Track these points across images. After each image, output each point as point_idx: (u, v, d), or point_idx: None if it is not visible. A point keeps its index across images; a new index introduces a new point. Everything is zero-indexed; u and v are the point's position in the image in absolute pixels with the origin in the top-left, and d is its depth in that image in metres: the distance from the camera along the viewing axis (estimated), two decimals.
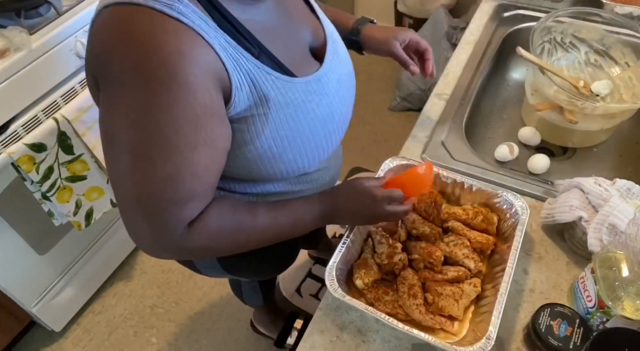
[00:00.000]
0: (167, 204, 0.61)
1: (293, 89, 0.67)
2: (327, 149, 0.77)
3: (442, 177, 0.85)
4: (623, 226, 0.73)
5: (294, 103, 0.67)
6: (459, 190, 0.86)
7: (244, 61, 0.61)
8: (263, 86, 0.63)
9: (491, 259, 0.80)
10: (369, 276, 0.76)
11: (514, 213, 0.80)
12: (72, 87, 1.35)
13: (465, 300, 0.74)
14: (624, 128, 1.11)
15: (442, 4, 2.27)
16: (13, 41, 1.18)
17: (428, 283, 0.76)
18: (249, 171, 0.72)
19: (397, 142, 2.23)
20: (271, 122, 0.66)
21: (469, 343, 0.65)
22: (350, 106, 0.81)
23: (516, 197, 0.81)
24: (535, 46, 1.03)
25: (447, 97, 1.11)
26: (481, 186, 0.83)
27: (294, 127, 0.68)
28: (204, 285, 1.81)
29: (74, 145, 1.34)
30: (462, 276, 0.76)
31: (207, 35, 0.57)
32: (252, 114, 0.64)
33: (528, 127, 1.12)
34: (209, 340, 1.68)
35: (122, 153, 0.59)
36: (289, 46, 0.71)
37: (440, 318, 0.72)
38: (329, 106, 0.73)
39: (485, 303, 0.72)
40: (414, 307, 0.73)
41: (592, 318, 0.70)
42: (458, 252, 0.78)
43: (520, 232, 0.76)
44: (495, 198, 0.83)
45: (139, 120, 0.56)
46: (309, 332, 0.76)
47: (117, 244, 1.80)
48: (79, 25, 1.32)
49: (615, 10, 1.20)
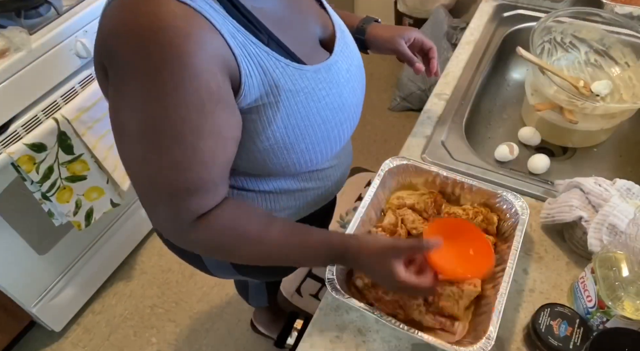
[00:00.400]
0: (176, 191, 0.61)
1: (303, 77, 0.67)
2: (339, 141, 0.77)
3: (442, 176, 0.85)
4: (623, 226, 0.73)
5: (305, 91, 0.67)
6: (459, 190, 0.86)
7: (253, 48, 0.61)
8: (273, 73, 0.63)
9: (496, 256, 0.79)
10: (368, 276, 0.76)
11: (514, 213, 0.80)
12: (72, 87, 1.35)
13: (465, 300, 0.73)
14: (624, 128, 1.11)
15: (442, 4, 2.27)
16: (13, 41, 1.18)
17: None
18: (262, 165, 0.72)
19: (397, 142, 2.23)
20: (282, 110, 0.66)
21: (469, 343, 0.65)
22: (360, 97, 0.81)
23: (516, 197, 0.81)
24: (535, 46, 1.03)
25: (447, 97, 1.11)
26: (481, 186, 0.83)
27: (305, 115, 0.68)
28: (204, 285, 1.81)
29: (74, 145, 1.34)
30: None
31: (216, 21, 0.56)
32: (263, 103, 0.64)
33: (528, 127, 1.12)
34: (209, 340, 1.68)
35: (132, 142, 0.59)
36: (299, 35, 0.71)
37: (441, 318, 0.72)
38: (339, 95, 0.73)
39: (485, 303, 0.72)
40: (414, 307, 0.73)
41: (592, 318, 0.70)
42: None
43: (520, 232, 0.76)
44: (495, 198, 0.82)
45: (144, 107, 0.56)
46: (309, 332, 0.76)
47: (117, 244, 1.80)
48: (79, 25, 1.32)
49: (615, 10, 1.20)
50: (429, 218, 0.84)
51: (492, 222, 0.81)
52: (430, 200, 0.84)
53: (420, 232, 0.81)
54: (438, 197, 0.84)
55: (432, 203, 0.83)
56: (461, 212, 0.83)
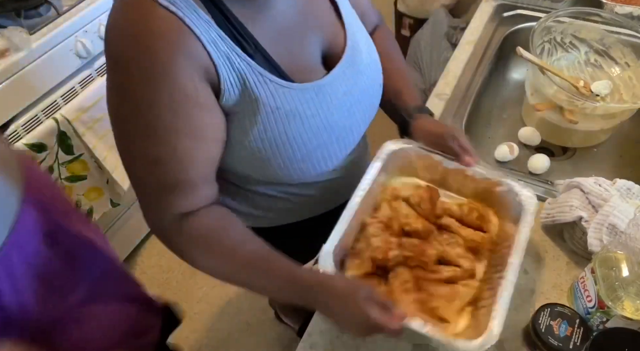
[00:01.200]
0: (156, 186, 0.64)
1: (287, 94, 0.65)
2: (328, 160, 0.75)
3: (445, 162, 0.82)
4: (623, 226, 0.73)
5: (286, 109, 0.65)
6: (461, 178, 0.83)
7: (236, 59, 0.61)
8: (254, 87, 0.62)
9: (494, 255, 0.78)
10: (361, 269, 0.75)
11: (518, 203, 0.76)
12: (72, 87, 1.35)
13: (459, 302, 0.71)
14: (624, 128, 1.11)
15: (442, 4, 2.27)
16: (13, 41, 1.18)
17: (421, 281, 0.74)
18: (250, 169, 0.72)
19: None
20: (260, 124, 0.65)
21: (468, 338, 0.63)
22: (360, 119, 0.77)
23: (522, 186, 0.77)
24: (535, 46, 1.03)
25: (447, 97, 1.11)
26: (484, 173, 0.80)
27: (284, 132, 0.67)
28: (204, 285, 1.81)
29: (74, 145, 1.34)
30: (457, 276, 0.74)
31: (197, 28, 0.57)
32: (241, 110, 0.64)
33: (528, 127, 1.12)
34: (209, 340, 1.68)
35: (119, 137, 0.64)
36: (294, 49, 0.68)
37: (431, 318, 0.70)
38: (326, 118, 0.70)
39: (486, 297, 0.70)
40: (406, 303, 0.70)
41: (592, 318, 0.70)
42: (451, 251, 0.76)
43: (528, 224, 0.72)
44: (498, 187, 0.79)
45: (122, 103, 0.60)
46: (309, 332, 0.76)
47: (117, 244, 1.80)
48: (79, 25, 1.32)
49: (615, 10, 1.20)
50: (423, 213, 0.81)
51: (487, 219, 0.79)
52: (426, 194, 0.81)
53: (413, 228, 0.78)
54: (434, 193, 0.82)
55: (427, 198, 0.81)
56: (456, 209, 0.81)
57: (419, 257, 0.75)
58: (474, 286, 0.73)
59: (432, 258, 0.75)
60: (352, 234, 0.79)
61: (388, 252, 0.75)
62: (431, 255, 0.75)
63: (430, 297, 0.71)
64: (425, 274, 0.75)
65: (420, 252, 0.76)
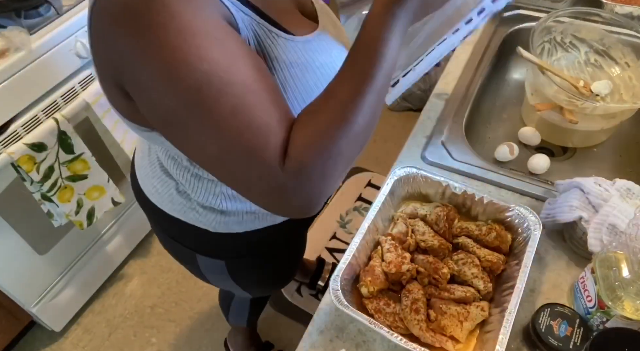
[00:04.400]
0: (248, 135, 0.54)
1: (295, 48, 0.65)
2: None
3: (453, 187, 0.83)
4: (623, 226, 0.73)
5: (298, 63, 0.65)
6: (469, 202, 0.83)
7: (246, 16, 0.60)
8: (265, 43, 0.62)
9: (500, 276, 0.78)
10: (375, 285, 0.74)
11: (526, 228, 0.77)
12: (72, 87, 1.35)
13: (470, 322, 0.71)
14: (624, 128, 1.11)
15: None
16: (13, 41, 1.18)
17: (433, 299, 0.74)
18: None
19: (397, 142, 2.23)
20: (277, 81, 0.64)
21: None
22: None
23: (529, 211, 0.78)
24: (535, 46, 1.03)
25: (447, 97, 1.11)
26: (492, 199, 0.81)
27: (301, 86, 0.67)
28: (204, 285, 1.81)
29: (74, 144, 1.35)
30: (469, 297, 0.73)
31: None
32: None
33: (528, 127, 1.12)
34: (209, 340, 1.68)
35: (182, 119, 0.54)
36: (282, 6, 0.68)
37: (441, 336, 0.70)
38: (333, 63, 0.70)
39: (491, 321, 0.71)
40: (414, 322, 0.70)
41: (592, 318, 0.70)
42: (467, 271, 0.75)
43: (532, 248, 0.73)
44: (507, 211, 0.80)
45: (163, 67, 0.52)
46: (309, 332, 0.76)
47: (118, 244, 1.80)
48: (79, 25, 1.32)
49: (615, 10, 1.20)
50: (440, 231, 0.81)
51: (505, 240, 0.79)
52: (443, 213, 0.81)
53: (428, 245, 0.79)
54: (451, 212, 0.82)
55: (444, 217, 0.81)
56: (474, 228, 0.81)
57: (431, 274, 0.75)
58: (487, 308, 0.72)
59: (445, 276, 0.75)
60: (365, 251, 0.79)
61: (401, 266, 0.75)
62: (445, 274, 0.75)
63: (441, 315, 0.71)
64: (439, 292, 0.75)
65: (434, 269, 0.75)
